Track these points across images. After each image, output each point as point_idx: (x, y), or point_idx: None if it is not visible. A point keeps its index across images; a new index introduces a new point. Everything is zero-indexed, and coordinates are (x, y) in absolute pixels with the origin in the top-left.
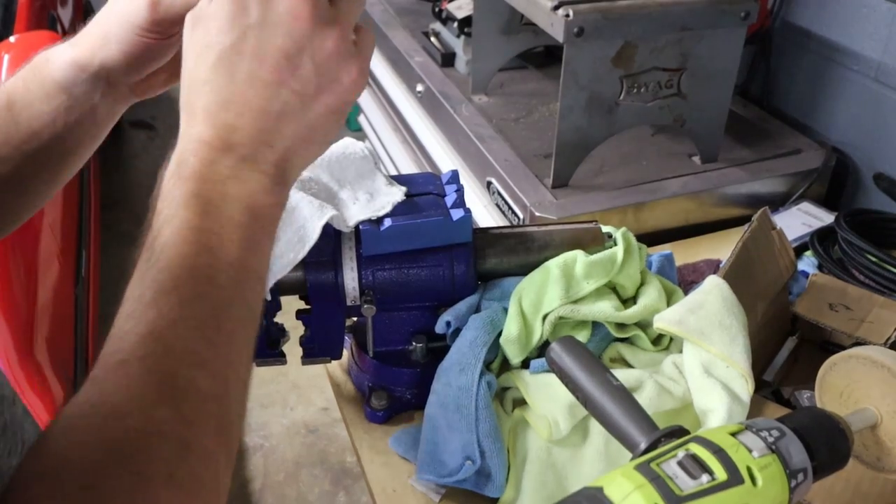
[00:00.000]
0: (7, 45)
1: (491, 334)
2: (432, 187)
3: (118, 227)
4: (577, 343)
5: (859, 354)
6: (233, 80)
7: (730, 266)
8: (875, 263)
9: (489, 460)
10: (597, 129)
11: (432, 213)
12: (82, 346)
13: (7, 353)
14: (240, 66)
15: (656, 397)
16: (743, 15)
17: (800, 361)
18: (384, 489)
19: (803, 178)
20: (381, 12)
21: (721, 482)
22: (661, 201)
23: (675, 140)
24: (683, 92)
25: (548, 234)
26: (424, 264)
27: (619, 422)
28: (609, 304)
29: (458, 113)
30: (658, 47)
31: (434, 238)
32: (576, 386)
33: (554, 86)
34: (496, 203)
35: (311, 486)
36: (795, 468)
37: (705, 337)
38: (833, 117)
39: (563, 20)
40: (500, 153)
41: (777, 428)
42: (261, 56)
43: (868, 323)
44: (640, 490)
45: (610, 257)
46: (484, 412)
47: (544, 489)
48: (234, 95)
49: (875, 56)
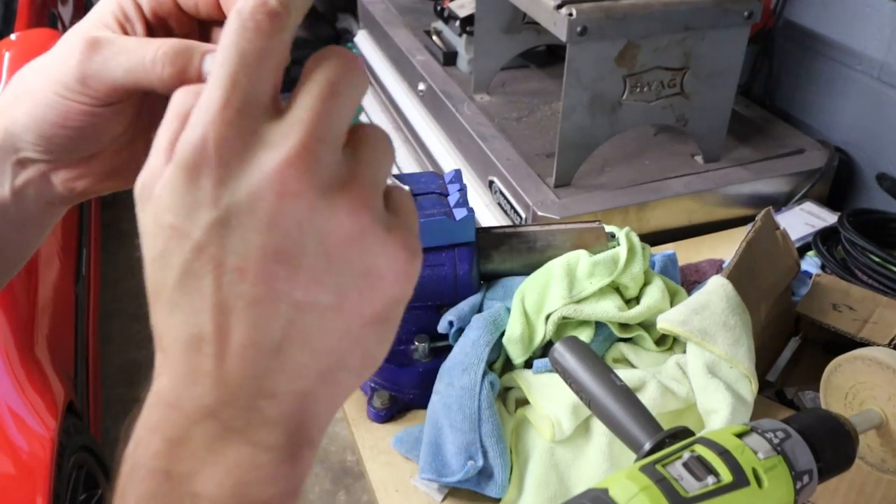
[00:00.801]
0: (8, 43)
1: (494, 334)
2: (435, 187)
3: (118, 224)
4: (580, 343)
5: (865, 356)
6: (204, 302)
7: (733, 266)
8: (878, 264)
9: (492, 460)
10: (599, 129)
11: (435, 213)
12: (82, 344)
13: (7, 351)
14: (208, 282)
15: (659, 398)
16: (746, 14)
17: (803, 362)
18: (386, 489)
19: (806, 178)
20: (382, 11)
21: (726, 484)
22: (663, 201)
23: (677, 139)
24: (686, 91)
25: (550, 234)
26: (427, 264)
27: (623, 422)
28: (612, 304)
29: (460, 112)
30: (661, 47)
31: (437, 237)
32: (579, 386)
33: (556, 85)
34: (498, 202)
35: (312, 485)
36: (801, 470)
37: (709, 337)
38: (836, 117)
39: (566, 19)
40: (502, 152)
41: (782, 429)
42: (236, 262)
43: (872, 323)
44: (645, 492)
45: (613, 257)
46: (486, 412)
47: (547, 489)
48: (208, 326)
49: (878, 56)
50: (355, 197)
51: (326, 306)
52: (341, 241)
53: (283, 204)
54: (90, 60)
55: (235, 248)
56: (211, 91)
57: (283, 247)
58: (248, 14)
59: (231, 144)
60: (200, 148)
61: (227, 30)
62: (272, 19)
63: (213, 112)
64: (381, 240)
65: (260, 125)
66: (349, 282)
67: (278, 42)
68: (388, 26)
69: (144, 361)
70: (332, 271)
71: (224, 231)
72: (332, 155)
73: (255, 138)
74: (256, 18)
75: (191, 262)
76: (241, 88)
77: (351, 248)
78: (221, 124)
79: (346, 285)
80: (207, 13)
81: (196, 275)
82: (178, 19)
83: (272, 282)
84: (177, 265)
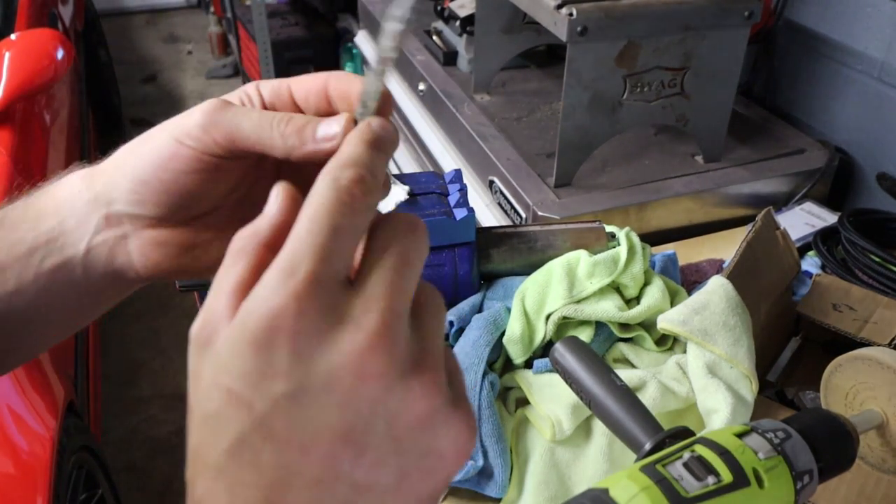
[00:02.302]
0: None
1: (494, 334)
2: (435, 187)
3: None
4: (580, 343)
5: (865, 356)
6: (259, 476)
7: (734, 266)
8: (878, 264)
9: (492, 460)
10: (599, 129)
11: (435, 213)
12: (83, 343)
13: None
14: (268, 457)
15: (659, 398)
16: (746, 14)
17: (803, 362)
18: None
19: (806, 178)
20: (382, 10)
21: (727, 484)
22: (663, 201)
23: (677, 139)
24: (686, 91)
25: (551, 234)
26: (427, 263)
27: (623, 422)
28: (612, 304)
29: (461, 112)
30: (661, 47)
31: (437, 237)
32: (580, 386)
33: (556, 85)
34: (498, 202)
35: None
36: (801, 470)
37: (709, 337)
38: (836, 117)
39: (566, 19)
40: (502, 152)
41: (783, 429)
42: (302, 441)
43: (872, 324)
44: (645, 492)
45: (613, 257)
46: (487, 412)
47: (547, 489)
48: (259, 500)
49: (879, 55)
50: (428, 380)
51: (385, 488)
52: (412, 423)
53: (360, 386)
54: (217, 112)
55: (303, 425)
56: (295, 256)
57: (352, 427)
58: (345, 187)
59: (311, 319)
60: (278, 318)
61: (320, 193)
62: (368, 197)
63: (297, 282)
64: (447, 420)
65: (338, 300)
66: (412, 463)
67: (367, 219)
68: None
69: (144, 361)
70: (397, 453)
71: (293, 407)
72: (407, 330)
73: (334, 314)
74: (353, 193)
75: (249, 432)
76: (328, 263)
77: (420, 431)
78: (304, 297)
79: (408, 466)
80: (316, 107)
81: (253, 447)
82: (289, 110)
83: (336, 463)
84: (232, 432)
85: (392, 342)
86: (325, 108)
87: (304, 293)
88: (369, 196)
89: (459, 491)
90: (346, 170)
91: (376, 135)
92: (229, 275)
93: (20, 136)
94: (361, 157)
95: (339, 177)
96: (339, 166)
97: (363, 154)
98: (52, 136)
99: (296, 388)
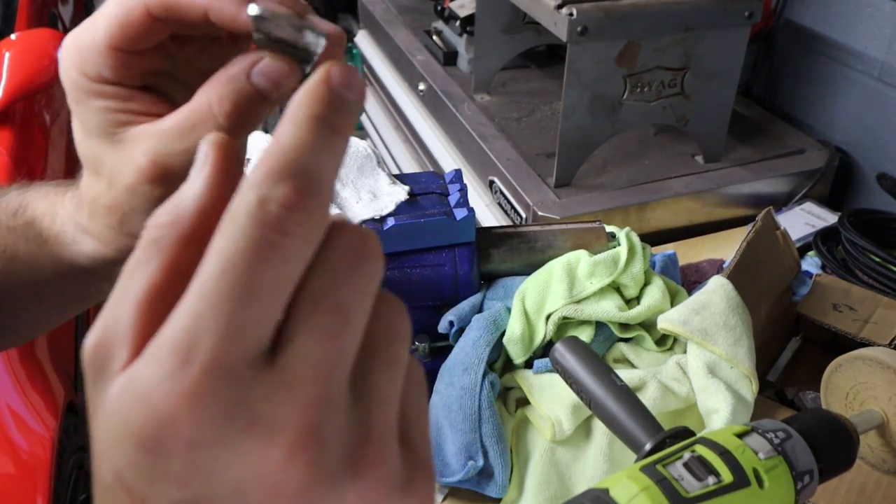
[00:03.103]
0: (8, 43)
1: (494, 334)
2: (435, 187)
3: None
4: (581, 343)
5: (866, 356)
6: None
7: (734, 266)
8: (879, 264)
9: (492, 460)
10: (600, 129)
11: (435, 213)
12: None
13: (8, 351)
14: None
15: (660, 398)
16: (746, 14)
17: (803, 362)
18: None
19: (806, 178)
20: (382, 10)
21: (727, 484)
22: (664, 201)
23: (678, 139)
24: (686, 91)
25: (551, 234)
26: (427, 264)
27: (624, 423)
28: (612, 304)
29: (461, 112)
30: (661, 47)
31: (437, 237)
32: (580, 386)
33: (556, 85)
34: (498, 202)
35: None
36: (802, 470)
37: (709, 337)
38: (836, 117)
39: (566, 19)
40: (502, 152)
41: (783, 429)
42: None
43: (872, 324)
44: (646, 492)
45: (613, 257)
46: (487, 412)
47: (547, 489)
48: None
49: (879, 56)
50: (370, 481)
51: None
52: None
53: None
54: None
55: None
56: (191, 332)
57: None
58: (275, 219)
59: (210, 425)
60: (166, 426)
61: (237, 226)
62: (308, 229)
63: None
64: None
65: (249, 392)
66: None
67: (304, 261)
68: (388, 26)
69: None
70: None
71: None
72: (340, 419)
73: (243, 415)
74: (286, 230)
75: None
76: (237, 341)
77: None
78: (201, 396)
79: None
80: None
81: None
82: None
83: None
84: None
85: (319, 444)
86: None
87: (202, 390)
88: (310, 225)
89: (459, 491)
90: (278, 185)
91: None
92: (138, 275)
93: (20, 136)
94: (305, 153)
95: (268, 198)
96: (268, 175)
97: (308, 145)
98: (52, 136)
99: (195, 498)
